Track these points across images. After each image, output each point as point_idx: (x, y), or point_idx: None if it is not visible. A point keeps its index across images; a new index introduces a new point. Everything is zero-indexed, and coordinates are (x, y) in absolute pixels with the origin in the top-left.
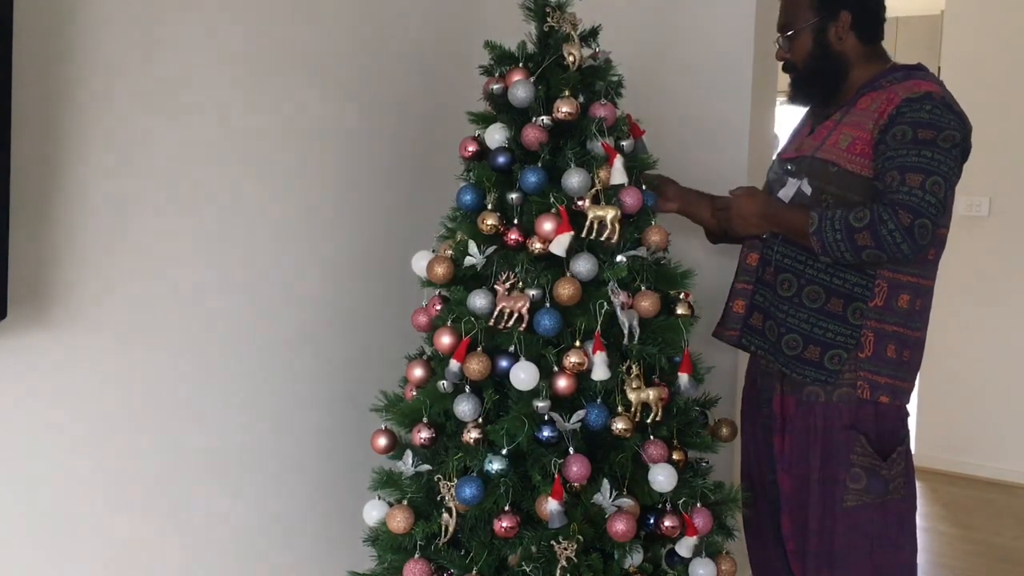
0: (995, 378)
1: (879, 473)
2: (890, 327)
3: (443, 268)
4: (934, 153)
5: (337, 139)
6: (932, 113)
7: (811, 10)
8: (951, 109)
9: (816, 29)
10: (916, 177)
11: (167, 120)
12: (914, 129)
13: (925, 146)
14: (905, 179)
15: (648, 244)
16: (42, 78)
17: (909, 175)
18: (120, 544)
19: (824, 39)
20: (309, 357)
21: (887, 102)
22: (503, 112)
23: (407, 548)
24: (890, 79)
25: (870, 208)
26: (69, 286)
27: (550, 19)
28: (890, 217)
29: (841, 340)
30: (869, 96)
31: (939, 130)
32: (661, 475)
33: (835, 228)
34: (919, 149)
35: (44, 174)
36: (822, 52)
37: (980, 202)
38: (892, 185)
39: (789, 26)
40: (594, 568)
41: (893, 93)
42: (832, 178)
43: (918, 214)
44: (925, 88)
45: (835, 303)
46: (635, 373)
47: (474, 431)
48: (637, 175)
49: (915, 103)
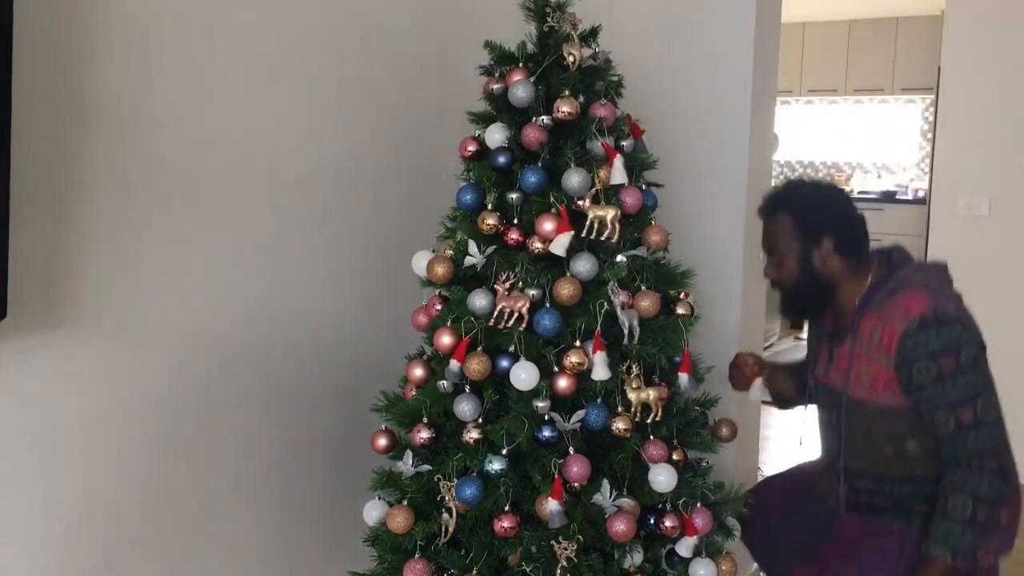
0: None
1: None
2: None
3: (443, 268)
4: (965, 376)
5: (337, 139)
6: (939, 337)
7: (793, 238)
8: (949, 321)
9: (800, 256)
10: (967, 412)
11: (167, 121)
12: (935, 362)
13: (956, 376)
14: (960, 416)
15: (648, 244)
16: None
17: (961, 410)
18: (120, 542)
19: (809, 264)
20: (309, 356)
21: (888, 334)
22: (503, 112)
23: (407, 548)
24: (878, 299)
25: (953, 474)
26: (69, 286)
27: (550, 19)
28: (980, 477)
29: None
30: (867, 321)
31: (956, 352)
32: (661, 475)
33: (960, 537)
34: (953, 382)
35: (44, 174)
36: (810, 276)
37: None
38: (949, 427)
39: (774, 250)
40: (594, 568)
41: (888, 322)
42: (872, 416)
43: (995, 451)
44: (916, 312)
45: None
46: (635, 373)
47: (474, 431)
48: (637, 174)
49: (917, 335)
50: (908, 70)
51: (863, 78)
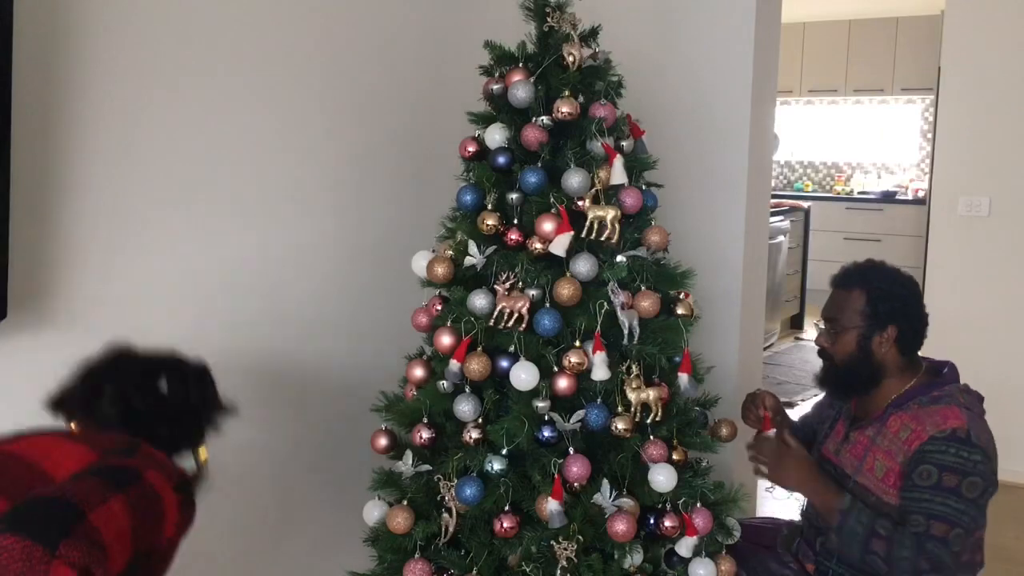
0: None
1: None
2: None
3: (443, 268)
4: (957, 502)
5: (337, 139)
6: (958, 456)
7: (862, 315)
8: (976, 447)
9: (861, 335)
10: (941, 527)
11: (167, 121)
12: (940, 472)
13: (950, 495)
14: (931, 527)
15: (648, 244)
16: (42, 79)
17: (935, 524)
18: None
19: (868, 345)
20: (309, 356)
21: (915, 435)
22: (503, 112)
23: (407, 548)
24: (918, 401)
25: (900, 529)
26: (69, 286)
27: (550, 19)
28: (912, 553)
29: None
30: (899, 417)
31: (964, 476)
32: (661, 475)
33: (860, 521)
34: (944, 497)
35: (44, 174)
36: (864, 357)
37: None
38: (918, 528)
39: (837, 322)
40: (594, 568)
41: (921, 424)
42: (871, 505)
43: (935, 567)
44: (952, 424)
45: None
46: (635, 373)
47: (474, 431)
48: (637, 175)
49: (941, 443)
50: (908, 70)
51: (863, 78)
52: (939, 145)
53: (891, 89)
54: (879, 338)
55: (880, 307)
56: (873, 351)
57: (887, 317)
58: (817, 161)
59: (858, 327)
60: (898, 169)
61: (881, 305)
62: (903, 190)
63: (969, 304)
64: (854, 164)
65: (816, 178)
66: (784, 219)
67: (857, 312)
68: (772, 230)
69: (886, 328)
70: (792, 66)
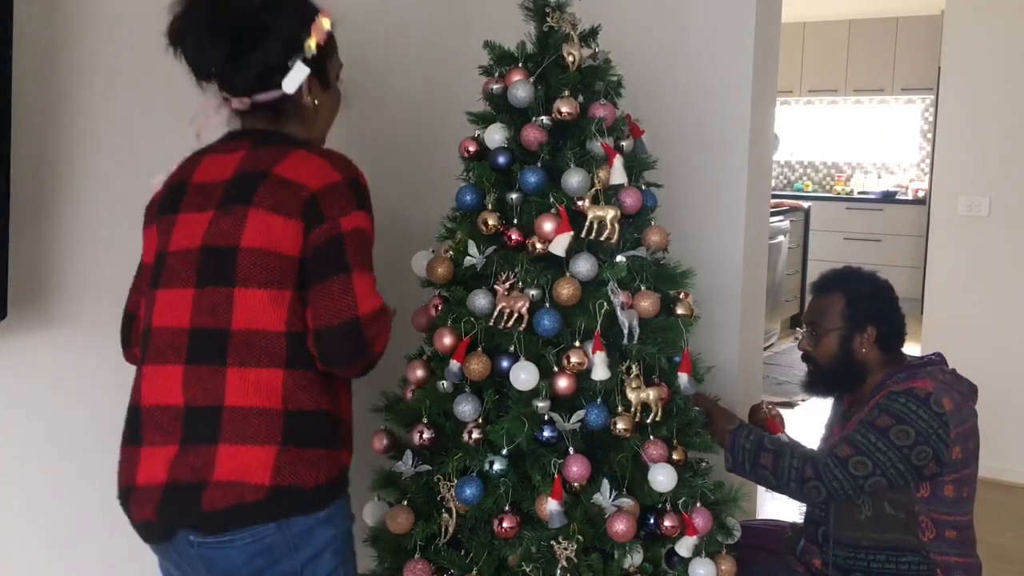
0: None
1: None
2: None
3: (443, 268)
4: (878, 440)
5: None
6: (905, 407)
7: (841, 317)
8: (927, 406)
9: (843, 336)
10: (847, 450)
11: (167, 121)
12: (880, 413)
13: (875, 431)
14: (838, 448)
15: (648, 244)
16: (42, 80)
17: (843, 446)
18: (119, 542)
19: (849, 346)
20: None
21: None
22: (503, 112)
23: (407, 548)
24: (895, 379)
25: (789, 444)
26: (69, 286)
27: (550, 19)
28: (798, 462)
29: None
30: (876, 398)
31: (898, 421)
32: (661, 475)
33: (748, 438)
34: (868, 431)
35: (44, 174)
36: (846, 358)
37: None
38: (829, 443)
39: (817, 324)
40: (594, 568)
41: (890, 391)
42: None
43: (819, 476)
44: (912, 384)
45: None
46: (635, 373)
47: (474, 431)
48: (637, 175)
49: (896, 395)
50: (908, 70)
51: (863, 78)
52: (939, 145)
53: (891, 89)
54: (860, 338)
55: (859, 308)
56: (855, 351)
57: (866, 317)
58: (817, 161)
59: (839, 328)
60: (898, 169)
61: (860, 305)
62: (903, 190)
63: (969, 304)
64: (854, 164)
65: (816, 178)
66: (784, 219)
67: (837, 314)
68: (772, 230)
69: (866, 328)
70: (792, 66)
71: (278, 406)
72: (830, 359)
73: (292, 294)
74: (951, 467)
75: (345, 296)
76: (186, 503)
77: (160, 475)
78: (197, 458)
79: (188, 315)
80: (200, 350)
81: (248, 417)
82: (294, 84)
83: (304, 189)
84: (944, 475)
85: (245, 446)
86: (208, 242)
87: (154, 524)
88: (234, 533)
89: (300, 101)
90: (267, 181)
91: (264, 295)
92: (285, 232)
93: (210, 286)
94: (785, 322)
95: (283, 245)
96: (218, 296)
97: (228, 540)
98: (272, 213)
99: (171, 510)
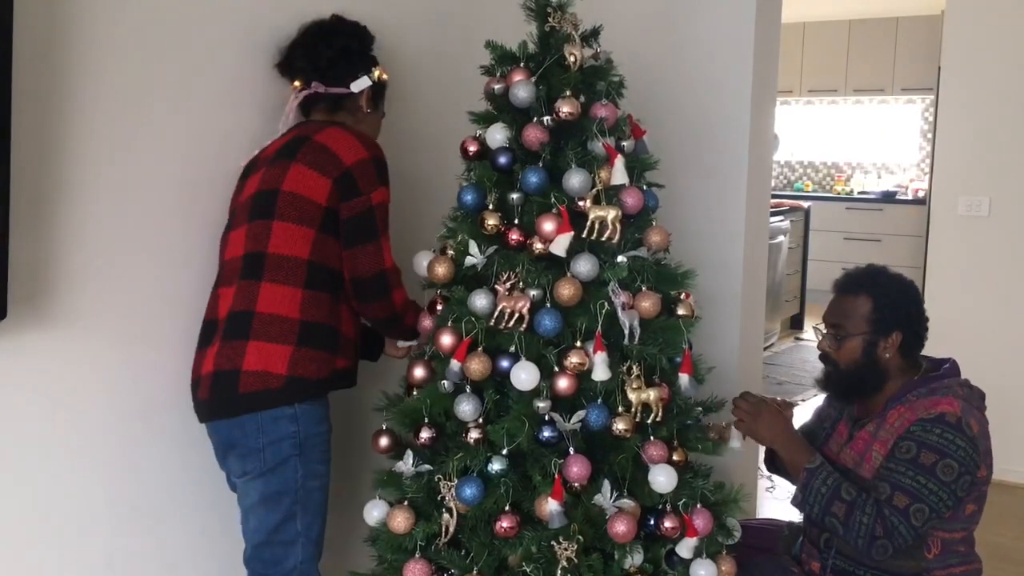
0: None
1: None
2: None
3: (444, 268)
4: (928, 481)
5: None
6: (942, 437)
7: (867, 322)
8: (962, 433)
9: (867, 341)
10: (903, 499)
11: (166, 121)
12: (919, 449)
13: (922, 471)
14: (894, 497)
15: (649, 244)
16: (42, 80)
17: (898, 495)
18: (120, 542)
19: (873, 352)
20: None
21: (907, 421)
22: (504, 112)
23: (407, 548)
24: (916, 393)
25: (863, 495)
26: (68, 287)
27: (551, 19)
28: (870, 519)
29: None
30: (897, 411)
31: (941, 456)
32: (661, 476)
33: (826, 482)
34: (916, 472)
35: (44, 174)
36: (868, 363)
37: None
38: (882, 497)
39: (840, 327)
40: (594, 568)
41: (914, 412)
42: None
43: (888, 535)
44: (941, 408)
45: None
46: (635, 373)
47: (475, 431)
48: (638, 175)
49: (927, 423)
50: (908, 70)
51: (863, 78)
52: (939, 145)
53: (891, 89)
54: (884, 344)
55: (886, 313)
56: (878, 356)
57: (892, 323)
58: (817, 161)
59: (864, 333)
60: (898, 169)
61: (887, 311)
62: (903, 190)
63: (969, 304)
64: (854, 164)
65: (816, 178)
66: (784, 219)
67: (863, 319)
68: (772, 230)
69: (891, 334)
70: (792, 66)
71: (296, 316)
72: (851, 363)
73: (316, 233)
74: (976, 485)
75: (376, 256)
76: (226, 386)
77: (209, 366)
78: (232, 351)
79: (243, 245)
80: (247, 269)
81: (273, 322)
82: (360, 86)
83: (338, 158)
84: (971, 495)
85: (269, 344)
86: (260, 188)
87: (205, 402)
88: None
89: (357, 102)
90: (308, 144)
91: (295, 229)
92: (317, 185)
93: (257, 219)
94: (785, 322)
95: (314, 193)
96: (262, 227)
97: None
98: (309, 168)
99: (217, 392)
